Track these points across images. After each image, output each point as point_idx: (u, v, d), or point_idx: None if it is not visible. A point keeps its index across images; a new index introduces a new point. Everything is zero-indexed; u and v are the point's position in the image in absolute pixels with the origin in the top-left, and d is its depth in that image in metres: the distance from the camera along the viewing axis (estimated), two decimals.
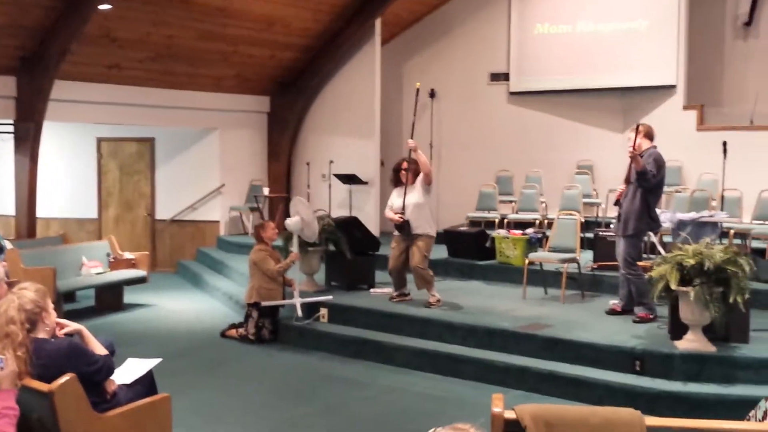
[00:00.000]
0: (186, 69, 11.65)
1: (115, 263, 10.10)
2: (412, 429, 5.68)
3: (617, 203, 7.47)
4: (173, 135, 13.10)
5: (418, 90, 8.84)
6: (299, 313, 8.27)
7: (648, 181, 7.02)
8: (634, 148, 7.05)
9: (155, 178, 13.26)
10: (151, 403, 4.37)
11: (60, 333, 4.13)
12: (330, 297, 8.50)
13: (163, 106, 11.95)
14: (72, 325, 4.21)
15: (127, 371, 4.58)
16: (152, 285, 10.71)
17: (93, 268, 9.81)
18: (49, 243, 10.56)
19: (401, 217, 8.06)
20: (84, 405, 3.93)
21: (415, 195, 8.08)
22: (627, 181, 7.34)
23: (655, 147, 7.27)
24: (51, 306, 4.07)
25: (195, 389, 6.66)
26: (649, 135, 7.31)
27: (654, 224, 7.37)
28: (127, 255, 10.28)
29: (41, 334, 3.95)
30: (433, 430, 2.25)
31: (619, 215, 7.37)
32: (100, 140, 13.32)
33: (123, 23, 10.10)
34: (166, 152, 13.23)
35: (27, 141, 10.31)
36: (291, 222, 8.42)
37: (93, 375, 4.05)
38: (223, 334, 8.60)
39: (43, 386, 3.77)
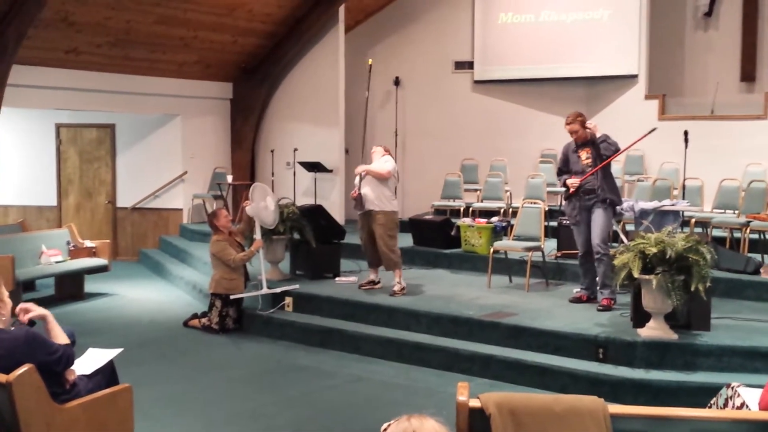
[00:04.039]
0: (146, 54, 11.46)
1: (76, 251, 9.94)
2: (377, 418, 5.65)
3: (569, 196, 7.49)
4: (134, 121, 12.91)
5: (370, 67, 8.78)
6: (265, 287, 8.22)
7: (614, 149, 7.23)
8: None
9: (116, 165, 13.07)
10: (112, 393, 4.31)
11: (25, 318, 4.05)
12: (296, 285, 8.45)
13: (124, 92, 11.76)
14: (37, 310, 4.13)
15: (88, 361, 4.51)
16: (114, 274, 10.55)
17: (53, 256, 9.65)
18: (7, 231, 10.36)
19: (355, 192, 8.12)
20: (43, 396, 3.86)
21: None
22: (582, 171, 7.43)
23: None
24: (6, 295, 4.00)
25: (157, 380, 6.58)
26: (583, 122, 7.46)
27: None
28: (88, 243, 10.13)
29: None
30: (396, 419, 2.31)
31: (580, 202, 7.40)
32: (59, 126, 13.10)
33: (80, 7, 9.89)
34: (127, 139, 13.04)
35: None
36: (248, 208, 8.41)
37: (52, 365, 3.97)
38: (186, 324, 8.51)
39: (0, 377, 3.69)
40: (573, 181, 7.40)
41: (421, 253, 10.08)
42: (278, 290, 8.36)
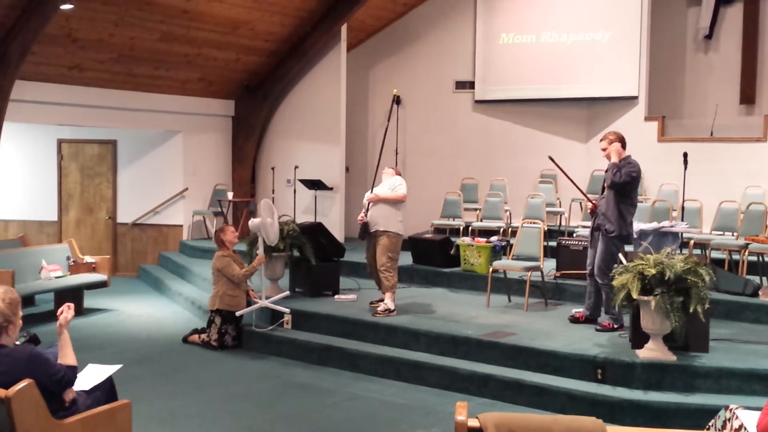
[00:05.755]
0: (149, 71, 11.53)
1: (76, 267, 9.94)
2: None
3: (593, 213, 7.49)
4: (136, 137, 12.96)
5: (394, 96, 8.83)
6: (264, 299, 8.24)
7: (616, 180, 7.11)
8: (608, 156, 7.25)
9: (117, 180, 13.11)
10: (111, 409, 4.31)
11: (58, 313, 4.23)
12: (287, 310, 8.29)
13: (126, 108, 11.81)
14: (67, 316, 4.26)
15: (87, 377, 4.52)
16: (113, 289, 10.56)
17: (52, 271, 9.65)
18: (7, 245, 10.36)
19: (362, 218, 8.11)
20: (42, 411, 3.86)
21: (382, 188, 8.11)
22: (603, 190, 7.45)
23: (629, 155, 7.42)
24: (20, 315, 4.03)
25: (156, 396, 6.57)
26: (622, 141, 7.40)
27: (626, 236, 7.33)
28: (88, 259, 10.14)
29: (3, 341, 3.90)
30: None
31: (594, 222, 7.41)
32: (61, 142, 13.14)
33: (84, 24, 9.97)
34: (129, 155, 13.08)
35: None
36: (251, 222, 8.42)
37: (53, 385, 3.99)
38: (185, 340, 8.51)
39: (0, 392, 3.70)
40: (590, 204, 7.47)
41: (421, 271, 10.09)
42: (279, 296, 8.38)
